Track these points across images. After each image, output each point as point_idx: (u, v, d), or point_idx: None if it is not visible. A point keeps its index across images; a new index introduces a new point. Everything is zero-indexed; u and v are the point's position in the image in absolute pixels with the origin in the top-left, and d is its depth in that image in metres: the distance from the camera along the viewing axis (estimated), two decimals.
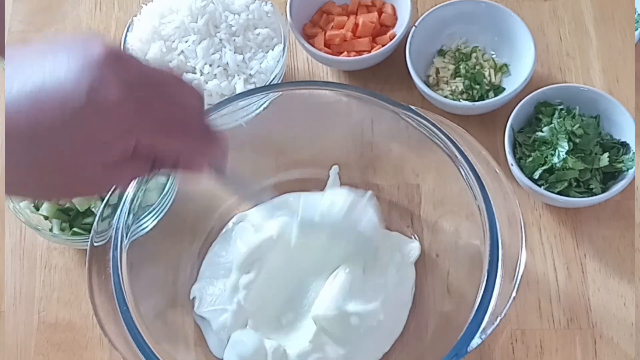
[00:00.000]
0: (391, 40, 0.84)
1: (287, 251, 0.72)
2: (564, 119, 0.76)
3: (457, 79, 0.83)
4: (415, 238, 0.77)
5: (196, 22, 0.79)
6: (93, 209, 0.75)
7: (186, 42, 0.79)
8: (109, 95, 0.43)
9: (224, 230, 0.78)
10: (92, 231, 0.65)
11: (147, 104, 0.45)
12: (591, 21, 0.88)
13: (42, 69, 0.43)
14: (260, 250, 0.72)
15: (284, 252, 0.72)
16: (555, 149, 0.75)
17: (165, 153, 0.48)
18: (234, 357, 0.70)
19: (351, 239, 0.71)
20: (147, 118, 0.46)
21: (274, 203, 0.76)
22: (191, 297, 0.74)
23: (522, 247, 0.63)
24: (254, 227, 0.74)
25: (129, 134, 0.45)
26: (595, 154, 0.75)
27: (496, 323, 0.59)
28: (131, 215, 0.66)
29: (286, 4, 0.84)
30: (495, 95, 0.81)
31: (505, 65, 0.84)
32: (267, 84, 0.78)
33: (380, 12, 0.87)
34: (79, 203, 0.74)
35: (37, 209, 0.76)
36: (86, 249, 0.65)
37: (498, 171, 0.67)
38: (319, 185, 0.79)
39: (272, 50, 0.81)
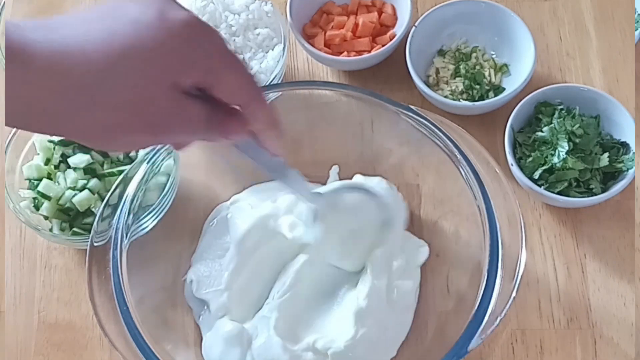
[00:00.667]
0: (391, 40, 0.84)
1: (283, 240, 0.72)
2: (564, 119, 0.76)
3: (457, 79, 0.83)
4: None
5: None
6: (93, 209, 0.75)
7: None
8: (178, 14, 0.45)
9: (216, 219, 0.77)
10: (92, 231, 0.65)
11: (213, 32, 0.47)
12: (591, 21, 0.88)
13: (105, 12, 0.45)
14: (260, 228, 0.72)
15: (281, 238, 0.72)
16: (555, 149, 0.75)
17: (229, 86, 0.48)
18: (218, 339, 0.70)
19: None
20: (215, 42, 0.47)
21: (270, 185, 0.76)
22: (188, 280, 0.73)
23: (522, 247, 0.63)
24: (252, 206, 0.74)
25: (199, 52, 0.46)
26: (595, 154, 0.75)
27: (496, 323, 0.59)
28: (131, 215, 0.66)
29: (286, 4, 0.84)
30: (495, 95, 0.81)
31: (505, 65, 0.84)
32: (267, 84, 0.78)
33: (380, 12, 0.87)
34: (79, 203, 0.74)
35: (37, 208, 0.76)
36: (86, 249, 0.65)
37: (498, 171, 0.67)
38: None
39: (272, 50, 0.81)
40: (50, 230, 0.75)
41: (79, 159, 0.76)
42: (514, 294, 0.61)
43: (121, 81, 0.44)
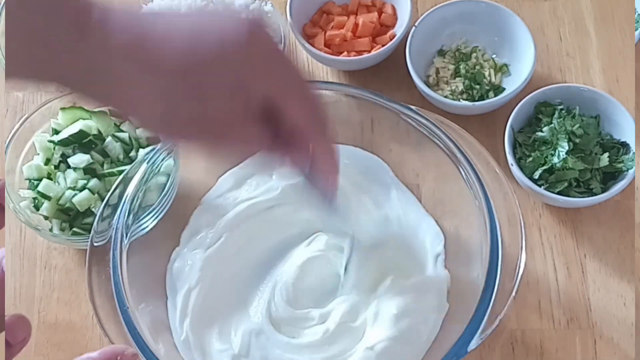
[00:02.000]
0: (391, 40, 0.84)
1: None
2: (564, 119, 0.76)
3: (457, 79, 0.83)
4: None
5: None
6: (93, 209, 0.75)
7: None
8: (266, 39, 0.46)
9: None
10: (92, 231, 0.65)
11: (293, 63, 0.49)
12: (591, 21, 0.88)
13: (198, 19, 0.46)
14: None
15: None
16: (555, 149, 0.75)
17: (297, 110, 0.50)
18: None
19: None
20: (293, 71, 0.49)
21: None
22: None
23: (522, 247, 0.63)
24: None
25: (277, 75, 0.47)
26: (595, 154, 0.75)
27: (496, 323, 0.59)
28: (131, 215, 0.66)
29: (286, 4, 0.84)
30: (495, 95, 0.81)
31: (505, 65, 0.84)
32: None
33: (380, 12, 0.87)
34: (79, 203, 0.74)
35: (37, 209, 0.76)
36: (86, 249, 0.65)
37: (498, 171, 0.67)
38: None
39: None
40: (50, 230, 0.75)
41: (79, 159, 0.76)
42: (513, 294, 0.61)
43: (195, 84, 0.45)
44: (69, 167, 0.77)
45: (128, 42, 0.44)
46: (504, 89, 0.82)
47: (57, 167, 0.77)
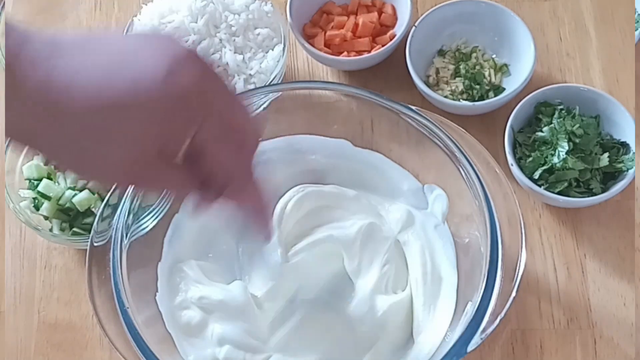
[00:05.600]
0: (391, 40, 0.84)
1: None
2: (564, 119, 0.76)
3: (457, 79, 0.83)
4: None
5: (196, 22, 0.79)
6: (93, 209, 0.75)
7: (186, 42, 0.78)
8: (185, 77, 0.43)
9: None
10: (92, 231, 0.65)
11: (214, 104, 0.45)
12: (591, 21, 0.88)
13: (117, 55, 0.43)
14: None
15: None
16: (555, 149, 0.75)
17: (217, 166, 0.47)
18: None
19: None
20: (212, 117, 0.45)
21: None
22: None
23: (522, 247, 0.63)
24: None
25: (189, 125, 0.45)
26: (595, 154, 0.75)
27: (496, 323, 0.59)
28: (131, 215, 0.66)
29: (286, 4, 0.84)
30: (495, 95, 0.81)
31: (505, 65, 0.84)
32: (267, 84, 0.78)
33: (380, 12, 0.87)
34: (79, 203, 0.74)
35: (37, 209, 0.76)
36: (86, 249, 0.65)
37: (498, 171, 0.67)
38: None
39: (272, 50, 0.81)
40: (50, 230, 0.75)
41: None
42: (514, 294, 0.61)
43: (101, 128, 0.43)
44: None
45: (34, 87, 0.41)
46: (504, 89, 0.82)
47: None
